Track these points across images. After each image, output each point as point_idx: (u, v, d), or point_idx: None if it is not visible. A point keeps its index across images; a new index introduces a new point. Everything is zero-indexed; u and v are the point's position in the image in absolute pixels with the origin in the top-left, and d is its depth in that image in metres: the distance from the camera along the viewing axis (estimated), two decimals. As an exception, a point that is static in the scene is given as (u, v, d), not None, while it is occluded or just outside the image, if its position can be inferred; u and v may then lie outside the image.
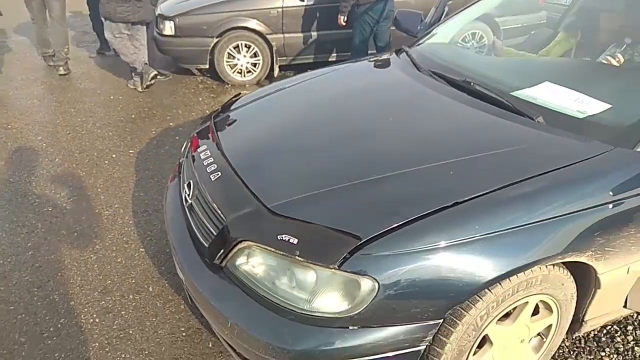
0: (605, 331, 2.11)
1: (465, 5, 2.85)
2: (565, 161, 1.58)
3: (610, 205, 1.55)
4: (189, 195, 1.89)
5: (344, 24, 4.67)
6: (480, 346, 1.62)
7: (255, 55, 5.04)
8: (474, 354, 1.61)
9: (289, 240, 1.47)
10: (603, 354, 2.01)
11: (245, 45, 4.99)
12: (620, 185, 1.57)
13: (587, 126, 1.73)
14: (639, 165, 1.61)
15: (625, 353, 2.02)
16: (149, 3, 4.54)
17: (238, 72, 5.10)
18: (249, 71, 5.11)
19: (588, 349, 2.04)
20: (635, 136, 1.65)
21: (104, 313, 2.19)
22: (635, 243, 1.64)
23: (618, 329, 2.12)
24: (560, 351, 2.00)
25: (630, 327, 2.12)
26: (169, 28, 4.82)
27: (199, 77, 5.31)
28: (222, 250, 1.63)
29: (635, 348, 2.04)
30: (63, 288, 2.33)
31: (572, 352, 2.01)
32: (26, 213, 2.88)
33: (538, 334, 1.79)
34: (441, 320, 1.48)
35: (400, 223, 1.44)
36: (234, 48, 4.97)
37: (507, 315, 1.63)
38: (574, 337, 2.06)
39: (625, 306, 1.86)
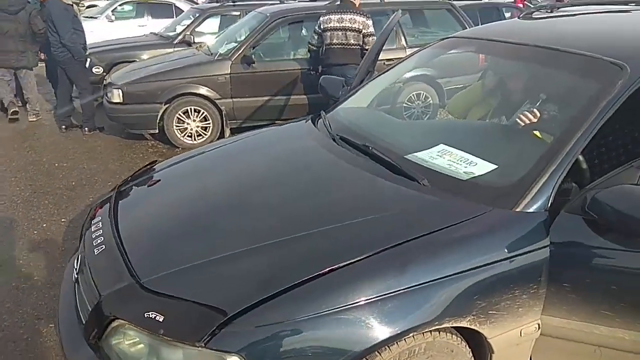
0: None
1: (385, 69, 2.96)
2: (440, 224, 1.56)
3: (488, 268, 1.53)
4: (76, 269, 1.83)
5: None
6: None
7: (205, 119, 5.11)
8: None
9: (155, 317, 1.41)
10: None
11: (195, 110, 5.07)
12: (499, 248, 1.56)
13: (469, 187, 1.73)
14: (518, 226, 1.61)
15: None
16: (28, 52, 5.76)
17: (189, 136, 5.15)
18: (200, 134, 5.16)
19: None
20: (514, 196, 1.64)
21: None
22: (522, 305, 1.61)
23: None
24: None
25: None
26: (117, 95, 4.90)
27: (150, 141, 5.33)
28: (96, 329, 1.55)
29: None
30: (-43, 372, 2.19)
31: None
32: (-63, 290, 2.76)
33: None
34: (318, 398, 1.41)
35: (271, 294, 1.40)
36: (184, 113, 5.04)
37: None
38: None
39: (530, 370, 1.81)
